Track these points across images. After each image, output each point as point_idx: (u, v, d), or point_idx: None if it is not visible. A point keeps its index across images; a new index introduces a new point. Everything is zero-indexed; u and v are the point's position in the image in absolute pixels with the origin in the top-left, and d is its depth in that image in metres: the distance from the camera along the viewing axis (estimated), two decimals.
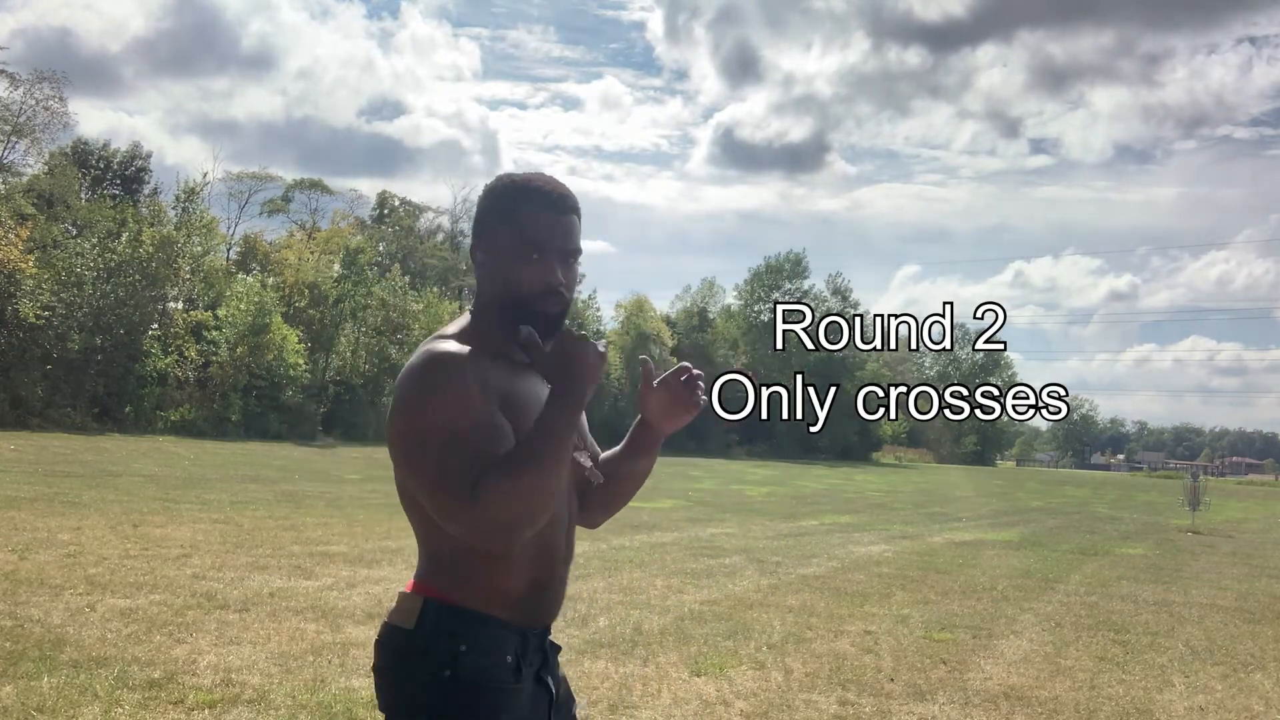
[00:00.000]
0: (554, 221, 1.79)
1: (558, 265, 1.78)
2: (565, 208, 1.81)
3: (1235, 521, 22.81)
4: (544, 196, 1.80)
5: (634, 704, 5.04)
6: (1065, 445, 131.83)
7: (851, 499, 24.71)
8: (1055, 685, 5.92)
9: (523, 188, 1.81)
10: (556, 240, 1.78)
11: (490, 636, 1.70)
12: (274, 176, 53.04)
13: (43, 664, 5.02)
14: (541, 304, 1.77)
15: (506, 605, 1.72)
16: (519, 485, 1.58)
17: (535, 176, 1.83)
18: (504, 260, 1.78)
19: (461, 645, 1.68)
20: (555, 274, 1.78)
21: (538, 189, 1.80)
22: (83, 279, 31.93)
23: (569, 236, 1.81)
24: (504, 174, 1.86)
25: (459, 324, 1.82)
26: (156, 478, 16.86)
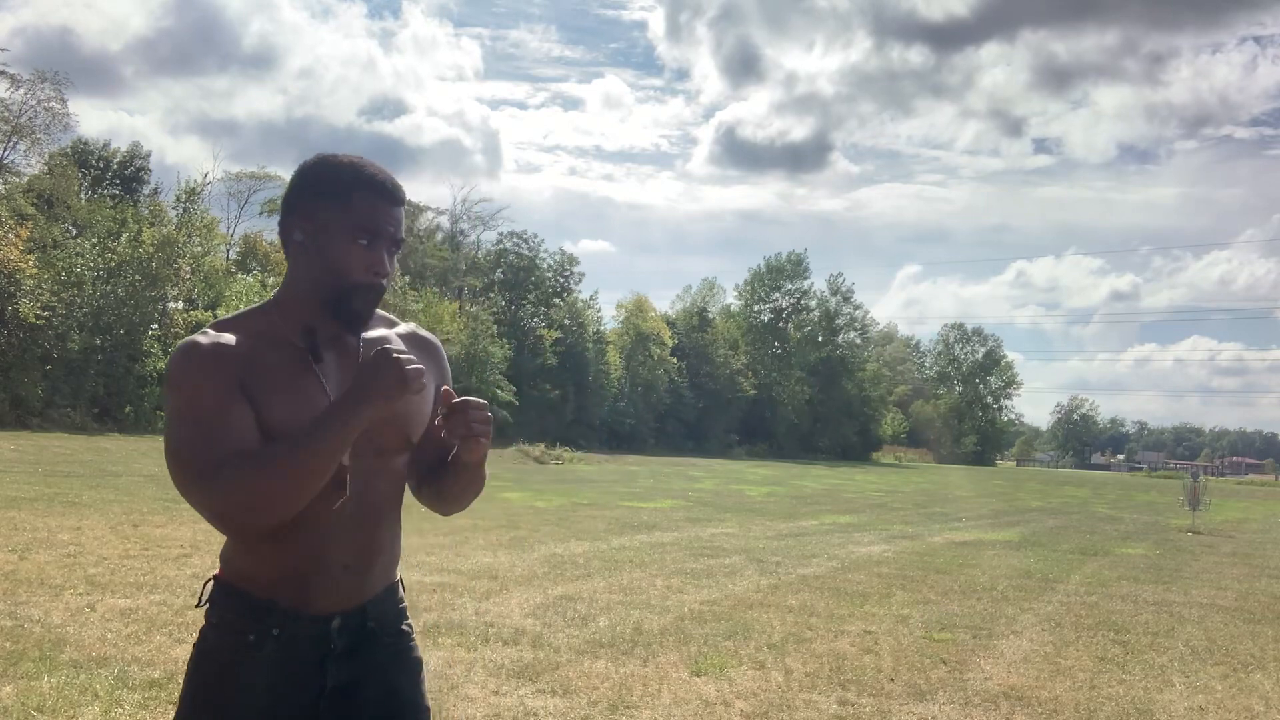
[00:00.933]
0: (388, 209, 1.78)
1: (385, 254, 1.78)
2: (397, 198, 1.80)
3: (1235, 521, 22.81)
4: (378, 183, 1.78)
5: (634, 704, 5.04)
6: (1065, 445, 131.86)
7: (851, 499, 24.71)
8: (1055, 685, 5.92)
9: (358, 171, 1.79)
10: (388, 228, 1.78)
11: (237, 612, 1.78)
12: (274, 176, 53.06)
13: (43, 664, 5.02)
14: (361, 293, 1.77)
15: (263, 587, 1.77)
16: (261, 480, 1.62)
17: (366, 161, 1.81)
18: (329, 242, 1.76)
19: (213, 617, 1.81)
20: (382, 262, 1.77)
21: (372, 175, 1.79)
22: (83, 279, 31.92)
23: (399, 226, 1.80)
24: (327, 154, 1.83)
25: (249, 308, 1.84)
26: (156, 478, 16.86)
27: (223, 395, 1.68)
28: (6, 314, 29.21)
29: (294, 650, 1.78)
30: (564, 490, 21.02)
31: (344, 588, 1.81)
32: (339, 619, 1.81)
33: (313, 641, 1.79)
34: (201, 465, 1.65)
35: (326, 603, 1.80)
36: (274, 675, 1.77)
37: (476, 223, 59.39)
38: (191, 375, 1.69)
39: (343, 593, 1.81)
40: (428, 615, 6.81)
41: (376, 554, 1.85)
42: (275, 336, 1.78)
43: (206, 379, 1.69)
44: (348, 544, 1.80)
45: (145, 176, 43.22)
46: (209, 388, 1.68)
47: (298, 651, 1.78)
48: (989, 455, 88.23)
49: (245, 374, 1.71)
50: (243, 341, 1.74)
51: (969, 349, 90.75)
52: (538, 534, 11.11)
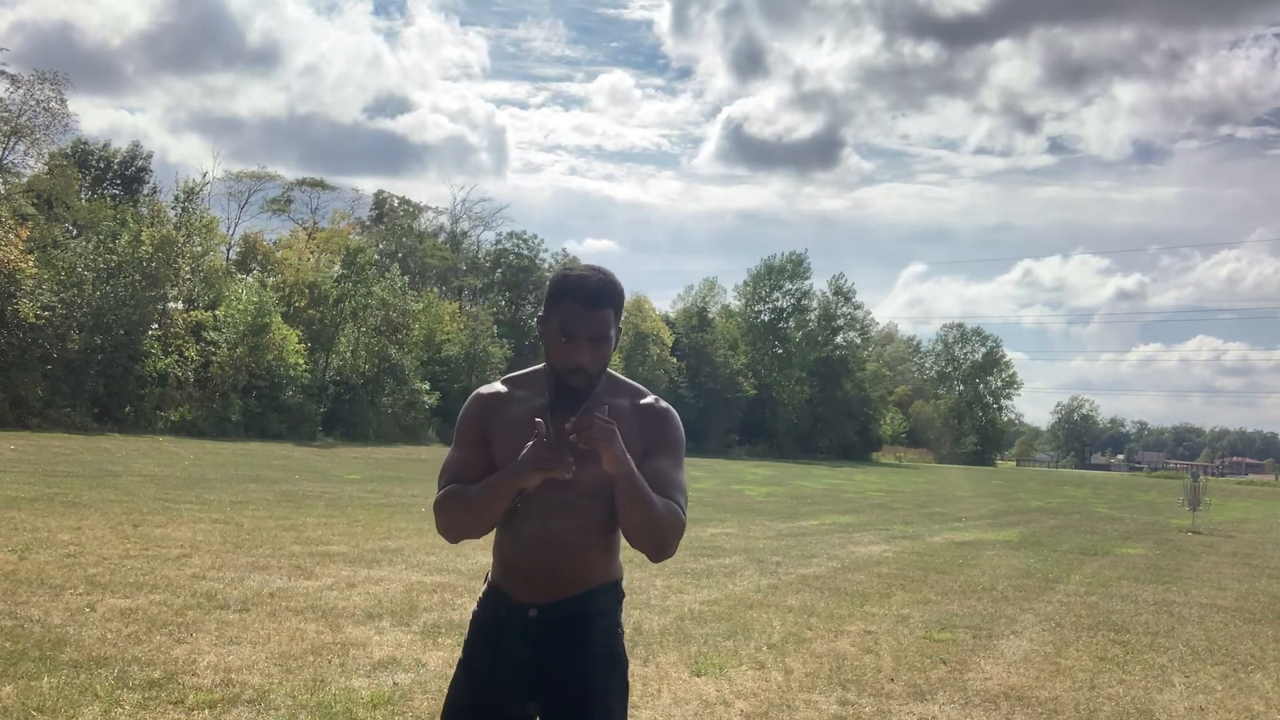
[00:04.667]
0: (583, 314, 2.25)
1: (585, 348, 2.25)
2: (594, 303, 2.26)
3: (1235, 521, 22.81)
4: (578, 292, 2.26)
5: (634, 704, 5.03)
6: (1065, 445, 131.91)
7: (851, 499, 24.71)
8: (1055, 685, 5.92)
9: (565, 280, 2.30)
10: (583, 329, 2.25)
11: (485, 597, 2.45)
12: (274, 176, 53.03)
13: (43, 664, 5.02)
14: (568, 378, 2.28)
15: (497, 578, 2.43)
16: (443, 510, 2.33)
17: (585, 271, 2.32)
18: (547, 338, 2.31)
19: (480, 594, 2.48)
20: (581, 356, 2.26)
21: (576, 283, 2.28)
22: (83, 279, 31.90)
23: (595, 326, 2.25)
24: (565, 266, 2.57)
25: (537, 366, 2.43)
26: (156, 478, 16.86)
27: (468, 440, 2.37)
28: (6, 314, 29.20)
29: (507, 627, 2.37)
30: None
31: (541, 587, 2.36)
32: (535, 609, 2.36)
33: (517, 622, 2.37)
34: (438, 487, 2.37)
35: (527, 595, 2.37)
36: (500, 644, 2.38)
37: (477, 223, 59.44)
38: (463, 417, 2.41)
39: (540, 590, 2.36)
40: (428, 615, 6.81)
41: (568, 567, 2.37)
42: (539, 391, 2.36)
43: (465, 424, 2.39)
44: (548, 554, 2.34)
45: (146, 176, 43.25)
46: (463, 431, 2.39)
47: (508, 627, 2.37)
48: (989, 455, 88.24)
49: (496, 424, 2.35)
50: (510, 394, 2.39)
51: (969, 349, 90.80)
52: None
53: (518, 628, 2.37)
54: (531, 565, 2.36)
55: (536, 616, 2.36)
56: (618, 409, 2.32)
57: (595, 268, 2.34)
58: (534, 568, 2.36)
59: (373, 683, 5.09)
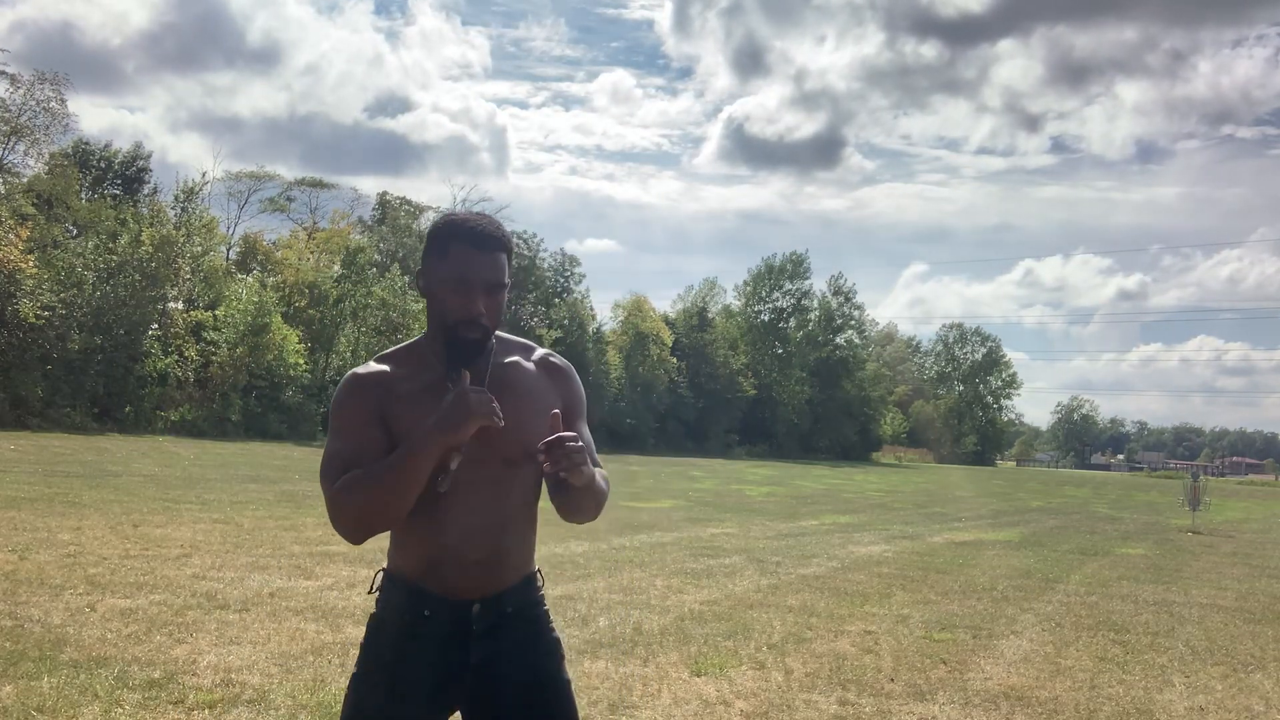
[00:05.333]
0: (477, 257, 2.05)
1: (479, 296, 2.04)
2: (488, 246, 2.06)
3: (1235, 521, 22.82)
4: (471, 234, 2.06)
5: (634, 704, 5.04)
6: (1065, 445, 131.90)
7: (851, 499, 24.71)
8: (1055, 685, 5.92)
9: (455, 226, 2.08)
10: (479, 273, 2.04)
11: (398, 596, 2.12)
12: (273, 175, 53.03)
13: (43, 664, 5.02)
14: (463, 330, 2.05)
15: (415, 575, 2.10)
16: (351, 498, 1.97)
17: (470, 215, 2.10)
18: (436, 289, 2.08)
19: (381, 598, 2.15)
20: (476, 304, 2.04)
21: (468, 228, 2.06)
22: (83, 279, 31.91)
23: (491, 271, 2.05)
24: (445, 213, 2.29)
25: (406, 342, 2.17)
26: (156, 478, 16.86)
27: (360, 423, 2.04)
28: (6, 314, 29.21)
29: (441, 629, 2.08)
30: None
31: (478, 579, 2.10)
32: (478, 604, 2.10)
33: (455, 622, 2.09)
34: (327, 480, 2.02)
35: (464, 589, 2.09)
36: (426, 649, 2.08)
37: None
38: (343, 402, 2.08)
39: (477, 583, 2.10)
40: None
41: (506, 552, 2.13)
42: (425, 365, 2.10)
43: (351, 407, 2.06)
44: (475, 542, 2.08)
45: (146, 177, 43.25)
46: (351, 415, 2.06)
47: (444, 630, 2.09)
48: (989, 455, 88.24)
49: (389, 403, 2.05)
50: (397, 370, 2.10)
51: (969, 349, 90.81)
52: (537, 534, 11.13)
53: (456, 630, 2.08)
54: (466, 553, 2.06)
55: (479, 612, 2.09)
56: (521, 368, 2.15)
57: (479, 213, 2.13)
58: (469, 555, 2.06)
59: None
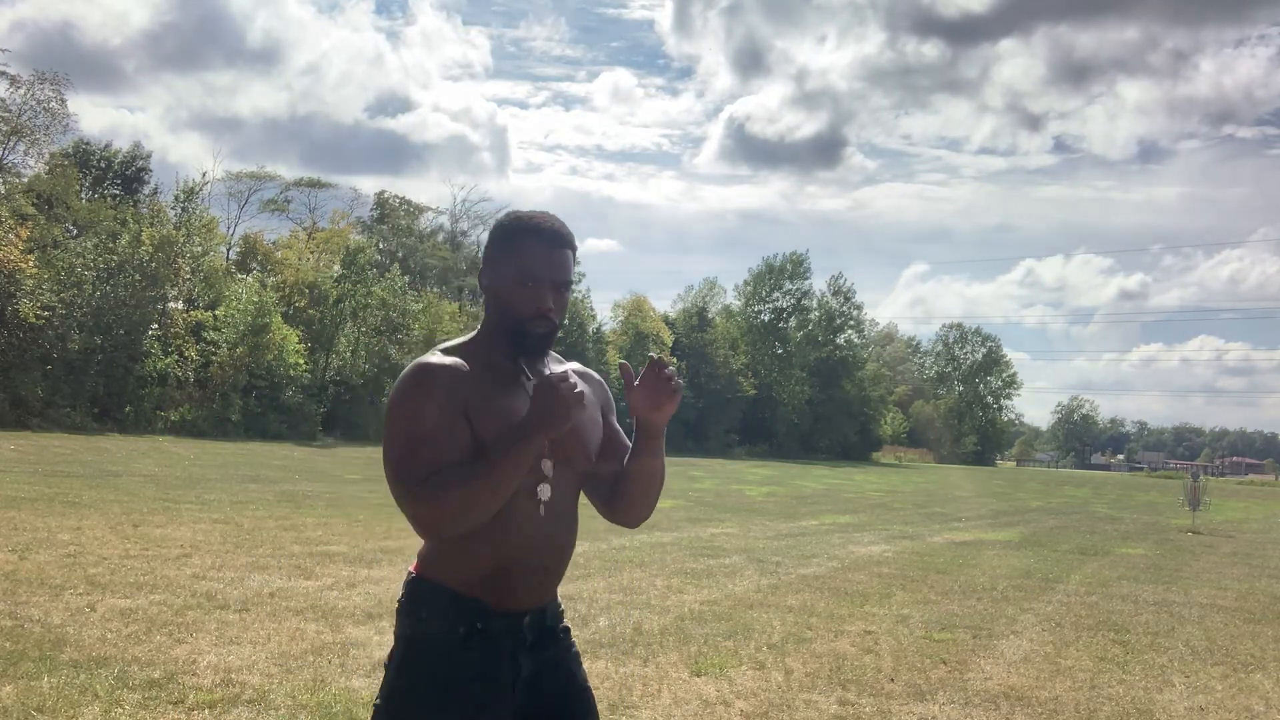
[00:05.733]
0: (548, 255, 2.06)
1: (549, 293, 2.05)
2: (559, 243, 2.08)
3: (1235, 521, 22.82)
4: (540, 231, 2.07)
5: (634, 704, 5.04)
6: (1065, 445, 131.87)
7: (851, 499, 24.71)
8: (1055, 685, 5.92)
9: (524, 223, 2.09)
10: (549, 271, 2.05)
11: (445, 608, 2.01)
12: (273, 176, 53.05)
13: (43, 664, 5.02)
14: (531, 325, 2.05)
15: (468, 585, 2.00)
16: (451, 495, 1.88)
17: (537, 214, 2.11)
18: (503, 286, 2.07)
19: (422, 612, 2.03)
20: (545, 300, 2.05)
21: (536, 225, 2.08)
22: (83, 279, 31.91)
23: (560, 269, 2.07)
24: (511, 210, 2.15)
25: (465, 337, 2.13)
26: (156, 478, 16.86)
27: (443, 414, 1.94)
28: (6, 314, 29.21)
29: (494, 643, 2.02)
30: None
31: (536, 589, 2.07)
32: (529, 616, 2.07)
33: (508, 635, 2.04)
34: (412, 479, 1.90)
35: (522, 600, 2.05)
36: (479, 665, 2.00)
37: (476, 223, 59.47)
38: (419, 394, 1.95)
39: (535, 593, 2.07)
40: None
41: (564, 557, 2.12)
42: (488, 362, 2.06)
43: (431, 399, 1.95)
44: (546, 548, 2.06)
45: (146, 177, 43.24)
46: (432, 408, 1.94)
47: (497, 644, 2.02)
48: (989, 455, 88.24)
49: (469, 394, 1.98)
50: (467, 365, 2.03)
51: (969, 349, 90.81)
52: None
53: (509, 643, 2.04)
54: (530, 560, 2.03)
55: (529, 624, 2.07)
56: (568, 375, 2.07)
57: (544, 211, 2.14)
58: (532, 563, 2.04)
59: (373, 683, 5.08)
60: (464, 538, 1.97)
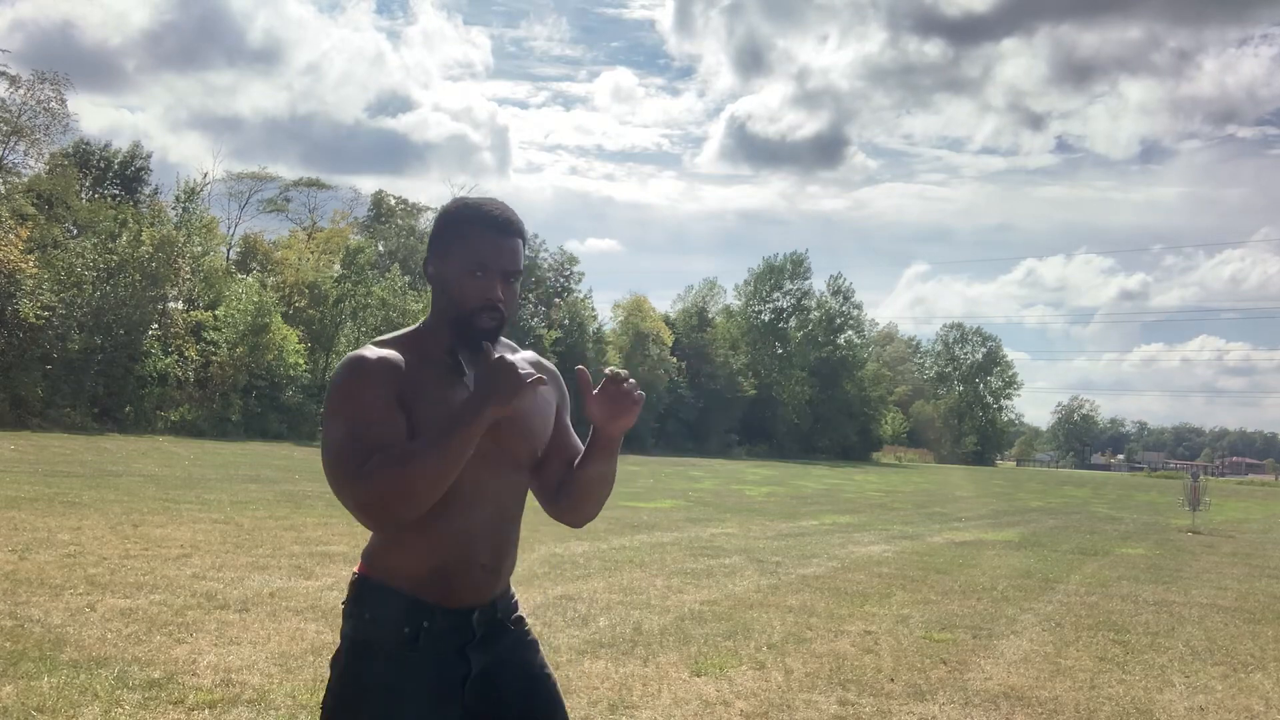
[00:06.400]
0: (498, 244, 2.00)
1: (498, 283, 2.00)
2: (509, 231, 2.02)
3: (1235, 521, 22.82)
4: (491, 220, 2.01)
5: (634, 704, 5.04)
6: (1065, 445, 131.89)
7: (851, 499, 24.71)
8: (1055, 685, 5.92)
9: (474, 210, 2.03)
10: (499, 261, 2.00)
11: (390, 608, 1.97)
12: (273, 176, 53.08)
13: (43, 664, 5.02)
14: (480, 318, 1.99)
15: (413, 583, 1.97)
16: (398, 474, 1.81)
17: (486, 201, 2.05)
18: (451, 275, 2.01)
19: (366, 613, 2.00)
20: (495, 290, 1.99)
21: (487, 213, 2.02)
22: (83, 279, 31.92)
23: (511, 258, 2.01)
24: (458, 197, 2.09)
25: (403, 330, 2.08)
26: (156, 478, 16.86)
27: (381, 403, 1.90)
28: (6, 314, 29.22)
29: (441, 641, 1.98)
30: None
31: (481, 585, 2.03)
32: (477, 612, 2.03)
33: (456, 632, 2.00)
34: (353, 463, 1.84)
35: (467, 597, 2.01)
36: (425, 663, 1.97)
37: None
38: (356, 383, 1.92)
39: (480, 589, 2.03)
40: None
41: (507, 555, 2.09)
42: (427, 354, 2.01)
43: (369, 388, 1.91)
44: (487, 545, 2.02)
45: (146, 176, 43.28)
46: (370, 396, 1.90)
47: (444, 642, 1.99)
48: (989, 455, 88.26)
49: (404, 386, 1.94)
50: (403, 356, 1.98)
51: (969, 349, 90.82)
52: (537, 534, 11.10)
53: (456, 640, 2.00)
54: (475, 555, 1.99)
55: (478, 620, 2.03)
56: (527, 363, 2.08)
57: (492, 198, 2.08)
58: (478, 559, 2.00)
59: None
60: (407, 534, 1.93)
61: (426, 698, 1.95)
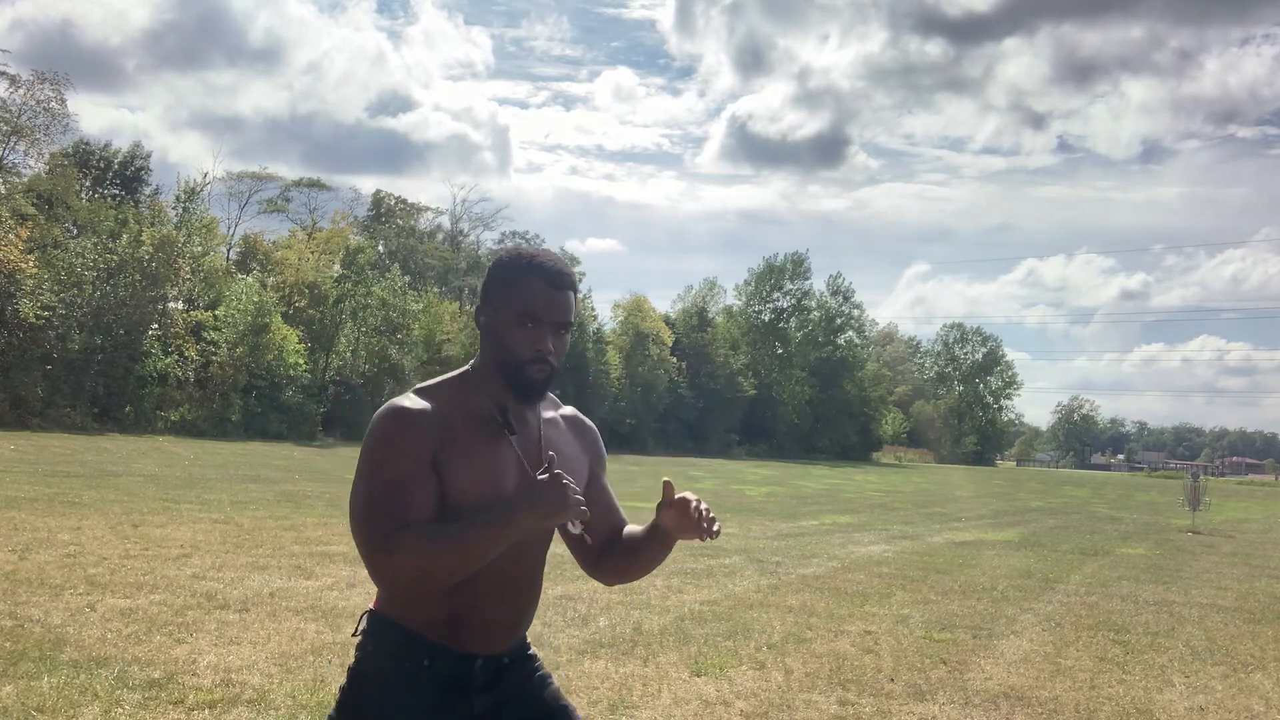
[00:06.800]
0: (550, 296, 1.98)
1: (549, 335, 1.98)
2: (562, 284, 2.00)
3: (1235, 521, 22.82)
4: (544, 272, 1.99)
5: (634, 704, 5.04)
6: (1065, 445, 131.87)
7: (851, 499, 24.71)
8: (1055, 685, 5.92)
9: (527, 261, 2.01)
10: (550, 313, 1.98)
11: (396, 645, 1.97)
12: (273, 176, 53.08)
13: (43, 664, 5.02)
14: (529, 369, 1.97)
15: (424, 627, 1.96)
16: (423, 557, 1.82)
17: (540, 252, 2.04)
18: (501, 325, 1.99)
19: (369, 645, 2.00)
20: (545, 343, 1.97)
21: (539, 264, 2.00)
22: (83, 279, 31.92)
23: (562, 310, 2.00)
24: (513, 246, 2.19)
25: (448, 376, 2.05)
26: (156, 478, 16.86)
27: (414, 468, 1.87)
28: (6, 314, 29.21)
29: (441, 681, 1.97)
30: None
31: (495, 637, 2.02)
32: (481, 659, 2.01)
33: (457, 674, 1.98)
34: (380, 532, 1.84)
35: (478, 647, 2.00)
36: (423, 700, 1.95)
37: (476, 223, 59.50)
38: (393, 444, 1.88)
39: (493, 641, 2.02)
40: None
41: (527, 610, 2.09)
42: (471, 405, 1.98)
43: (406, 450, 1.87)
44: (505, 603, 2.02)
45: (146, 176, 43.26)
46: (406, 460, 1.87)
47: (444, 680, 1.97)
48: (989, 455, 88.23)
49: (442, 440, 1.90)
50: (443, 409, 1.94)
51: (969, 349, 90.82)
52: None
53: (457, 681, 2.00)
54: (491, 613, 2.00)
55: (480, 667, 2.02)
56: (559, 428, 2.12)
57: (547, 249, 2.10)
58: (493, 615, 2.00)
59: None
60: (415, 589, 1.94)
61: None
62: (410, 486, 1.86)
